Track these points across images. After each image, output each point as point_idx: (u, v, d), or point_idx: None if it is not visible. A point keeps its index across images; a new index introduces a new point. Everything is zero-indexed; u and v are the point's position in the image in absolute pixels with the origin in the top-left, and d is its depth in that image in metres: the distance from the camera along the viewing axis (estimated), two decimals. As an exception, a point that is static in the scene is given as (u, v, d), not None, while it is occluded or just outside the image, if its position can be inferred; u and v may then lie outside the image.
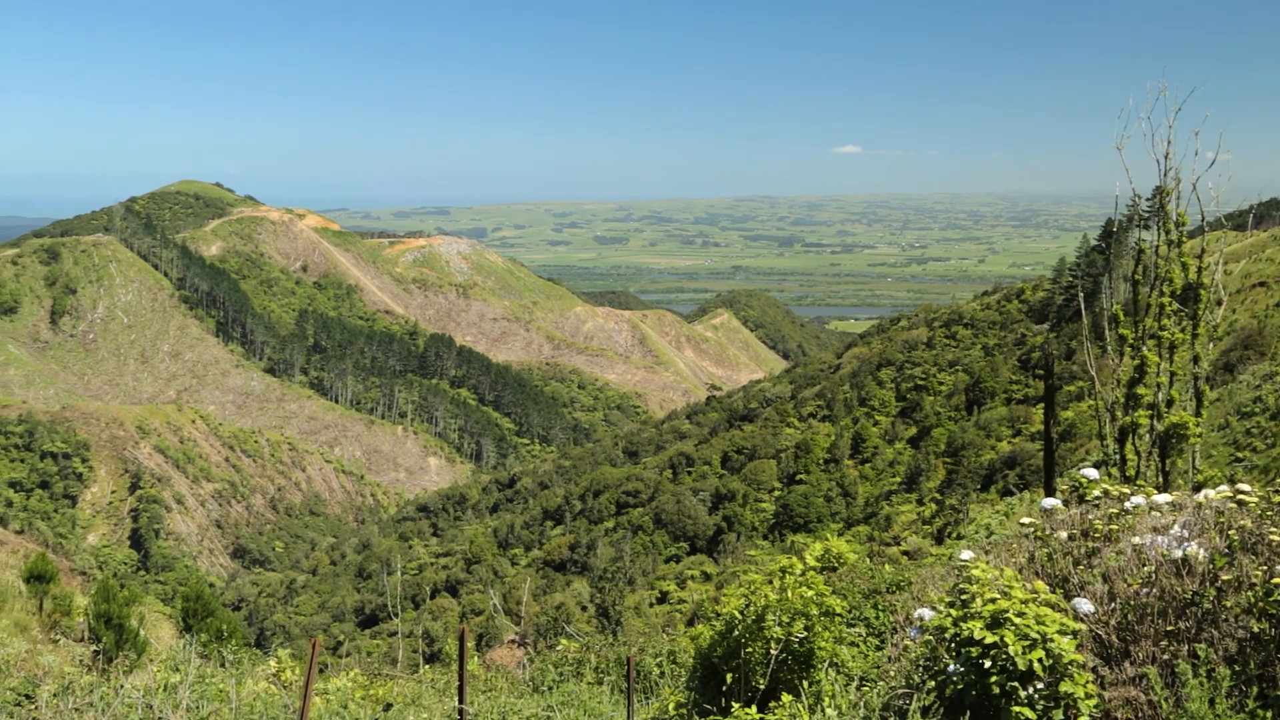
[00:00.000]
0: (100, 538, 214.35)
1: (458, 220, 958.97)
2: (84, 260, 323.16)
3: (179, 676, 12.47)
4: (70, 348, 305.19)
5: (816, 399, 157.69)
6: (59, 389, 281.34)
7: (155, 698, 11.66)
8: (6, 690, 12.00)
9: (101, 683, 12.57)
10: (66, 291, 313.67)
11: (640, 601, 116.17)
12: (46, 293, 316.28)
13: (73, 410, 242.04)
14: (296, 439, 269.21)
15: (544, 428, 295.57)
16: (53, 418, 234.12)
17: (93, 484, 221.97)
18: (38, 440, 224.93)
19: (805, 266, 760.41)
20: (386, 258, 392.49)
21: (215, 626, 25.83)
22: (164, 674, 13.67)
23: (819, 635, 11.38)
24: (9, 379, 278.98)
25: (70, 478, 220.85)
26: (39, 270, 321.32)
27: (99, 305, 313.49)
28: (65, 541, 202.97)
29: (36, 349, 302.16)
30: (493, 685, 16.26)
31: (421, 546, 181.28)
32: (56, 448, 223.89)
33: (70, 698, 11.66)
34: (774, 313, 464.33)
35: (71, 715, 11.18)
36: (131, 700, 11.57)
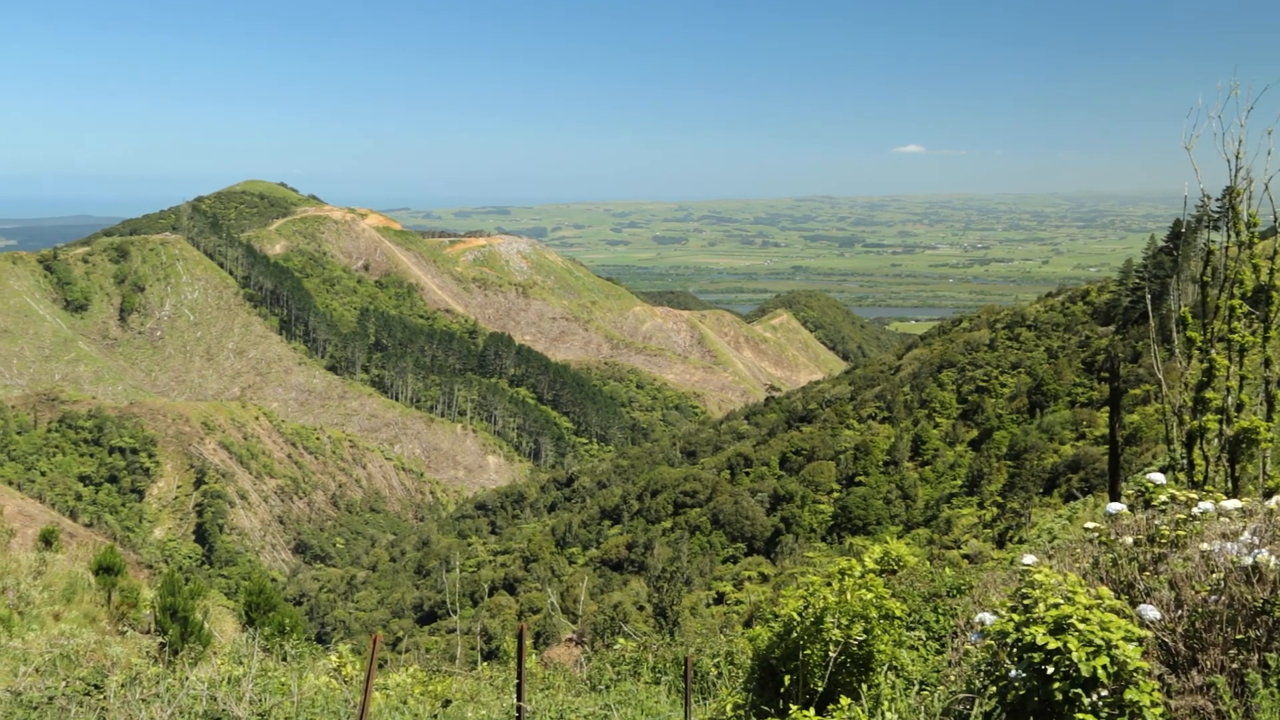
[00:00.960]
0: (166, 532, 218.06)
1: (518, 220, 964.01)
2: (152, 259, 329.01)
3: (242, 670, 12.64)
4: (138, 345, 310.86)
5: (876, 400, 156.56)
6: (127, 385, 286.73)
7: (219, 690, 11.82)
8: (76, 680, 12.23)
9: (167, 674, 12.77)
10: (135, 289, 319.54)
11: (697, 602, 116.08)
12: (116, 291, 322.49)
13: (140, 406, 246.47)
14: (357, 436, 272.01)
15: (602, 427, 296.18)
16: (121, 413, 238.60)
17: (159, 479, 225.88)
18: (107, 435, 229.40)
19: (866, 267, 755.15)
20: (447, 257, 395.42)
21: (277, 621, 26.17)
22: (228, 667, 13.86)
23: (878, 638, 11.30)
24: (79, 375, 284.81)
25: (138, 472, 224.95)
26: (109, 268, 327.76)
27: (166, 303, 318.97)
28: (132, 535, 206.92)
29: (106, 346, 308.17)
30: (550, 683, 16.31)
31: (480, 544, 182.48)
32: (125, 443, 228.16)
33: (137, 689, 11.86)
34: (834, 313, 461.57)
35: (138, 706, 11.37)
36: (196, 692, 11.74)
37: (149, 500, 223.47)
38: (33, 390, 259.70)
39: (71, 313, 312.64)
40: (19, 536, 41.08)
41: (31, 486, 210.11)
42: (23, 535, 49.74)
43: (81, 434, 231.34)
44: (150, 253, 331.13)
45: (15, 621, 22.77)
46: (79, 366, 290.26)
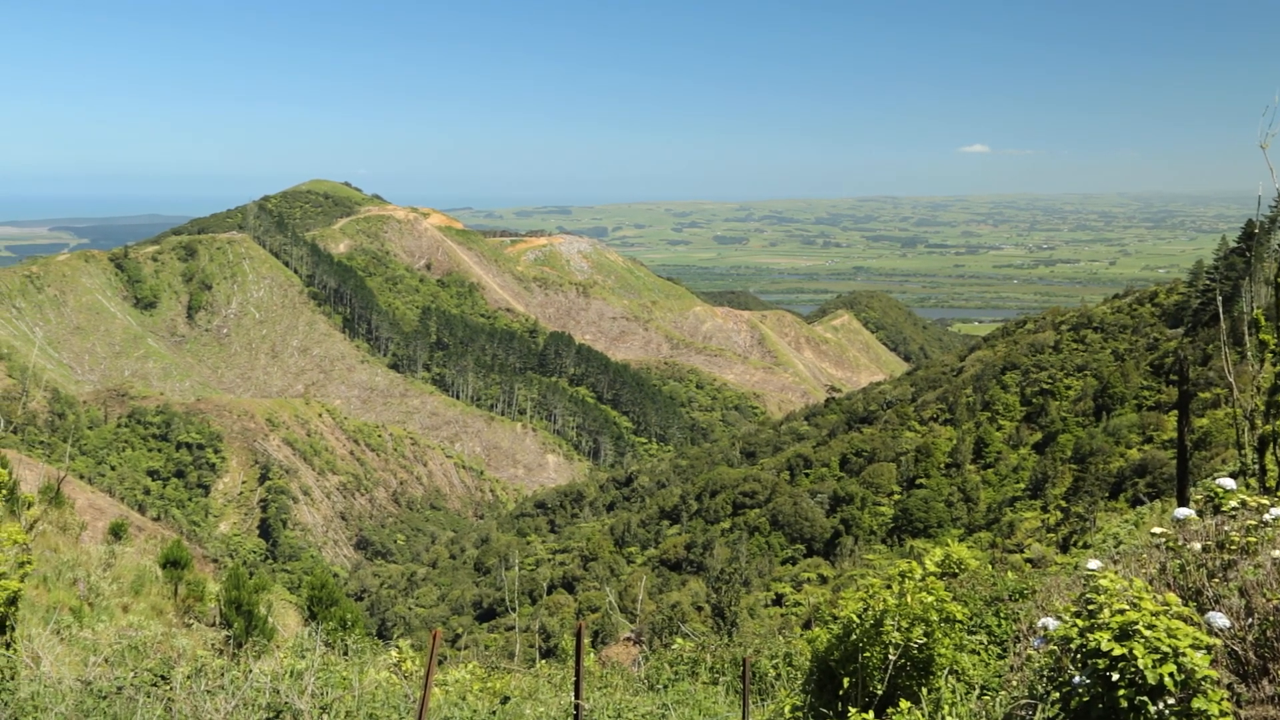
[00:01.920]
0: (231, 526, 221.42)
1: (579, 219, 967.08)
2: (219, 257, 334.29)
3: (305, 663, 12.78)
4: (205, 342, 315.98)
5: (938, 402, 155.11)
6: (194, 381, 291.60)
7: (282, 683, 11.97)
8: (144, 671, 12.43)
9: (232, 667, 12.95)
10: (202, 287, 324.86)
11: (756, 603, 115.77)
12: (184, 288, 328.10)
13: (207, 402, 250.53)
14: (419, 434, 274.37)
15: (661, 427, 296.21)
16: (188, 409, 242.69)
17: (225, 474, 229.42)
18: (174, 431, 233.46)
19: (928, 268, 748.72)
20: (508, 256, 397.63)
21: (339, 616, 26.47)
22: (290, 660, 14.03)
23: (939, 642, 11.19)
24: (148, 371, 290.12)
25: (204, 468, 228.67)
26: (177, 267, 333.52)
27: (233, 301, 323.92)
28: (198, 529, 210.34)
29: (174, 343, 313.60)
30: (608, 682, 16.34)
31: (539, 543, 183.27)
32: (191, 438, 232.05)
33: (202, 680, 12.03)
34: (895, 314, 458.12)
35: (203, 698, 11.53)
36: (260, 685, 11.89)
37: (215, 495, 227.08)
38: (104, 386, 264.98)
39: (141, 310, 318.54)
40: (90, 529, 41.88)
41: (102, 480, 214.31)
42: (93, 528, 50.71)
43: (150, 429, 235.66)
44: (217, 251, 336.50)
45: (86, 612, 23.22)
46: (148, 363, 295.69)
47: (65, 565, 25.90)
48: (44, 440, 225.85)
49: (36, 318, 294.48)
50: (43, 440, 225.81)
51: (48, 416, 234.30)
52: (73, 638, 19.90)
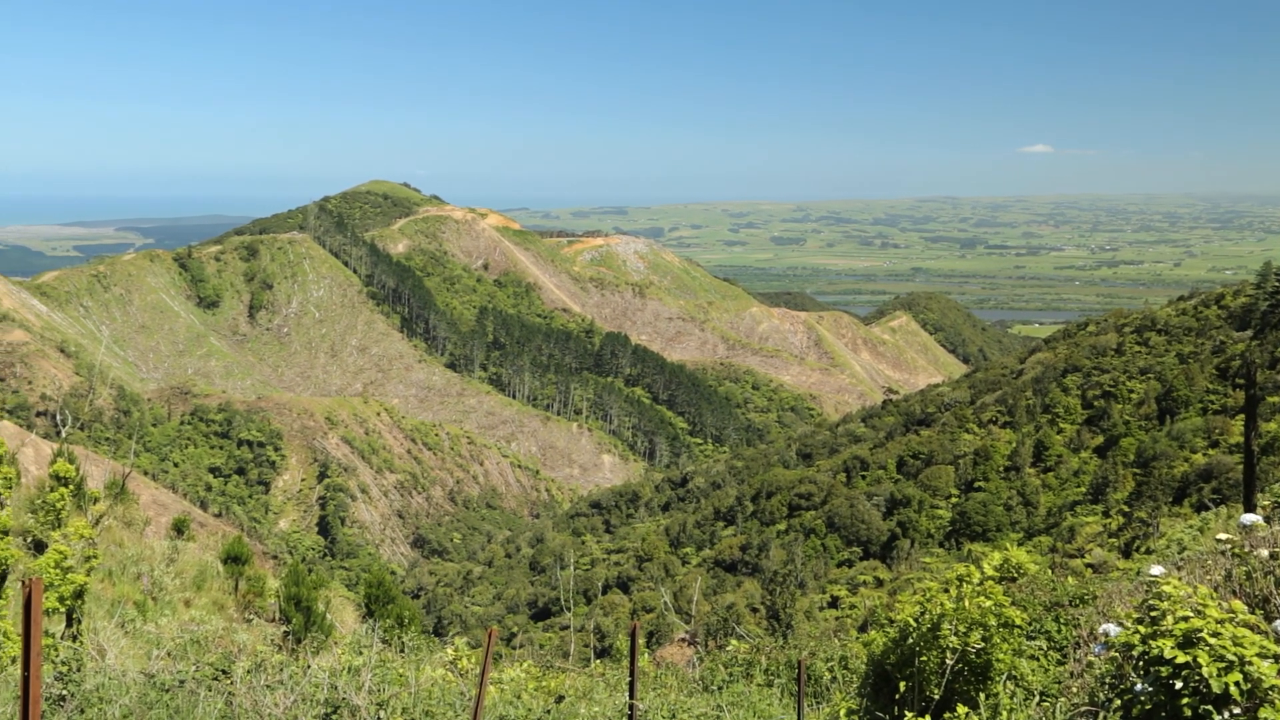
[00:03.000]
0: (290, 523, 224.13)
1: (635, 220, 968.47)
2: (280, 257, 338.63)
3: (362, 660, 12.90)
4: (266, 340, 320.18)
5: (997, 404, 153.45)
6: (255, 380, 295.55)
7: (340, 679, 12.09)
8: (205, 665, 12.61)
9: (290, 662, 13.10)
10: (264, 287, 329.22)
11: (811, 605, 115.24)
12: (245, 288, 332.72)
13: (267, 401, 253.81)
14: (475, 433, 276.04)
15: (717, 428, 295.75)
16: (249, 407, 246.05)
17: (284, 472, 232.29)
18: (235, 428, 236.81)
19: (988, 269, 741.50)
20: (564, 256, 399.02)
21: (396, 613, 26.69)
22: (348, 657, 14.17)
23: (997, 647, 11.06)
24: (210, 369, 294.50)
25: (264, 465, 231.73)
26: (239, 266, 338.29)
27: (293, 300, 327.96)
28: (259, 526, 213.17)
29: (236, 341, 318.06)
30: (663, 682, 16.33)
31: (594, 542, 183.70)
32: (252, 436, 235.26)
33: (262, 675, 12.18)
34: (954, 316, 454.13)
35: (263, 692, 11.67)
36: (318, 680, 12.02)
37: (274, 492, 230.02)
38: (167, 384, 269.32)
39: (204, 309, 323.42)
40: (153, 525, 42.55)
41: (165, 477, 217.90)
42: (157, 523, 51.53)
43: (212, 427, 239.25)
44: (279, 251, 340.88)
45: (149, 606, 23.60)
46: (210, 361, 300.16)
47: (130, 560, 26.35)
48: (110, 437, 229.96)
49: (103, 316, 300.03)
50: (108, 437, 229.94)
51: (113, 414, 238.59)
52: (137, 631, 20.23)
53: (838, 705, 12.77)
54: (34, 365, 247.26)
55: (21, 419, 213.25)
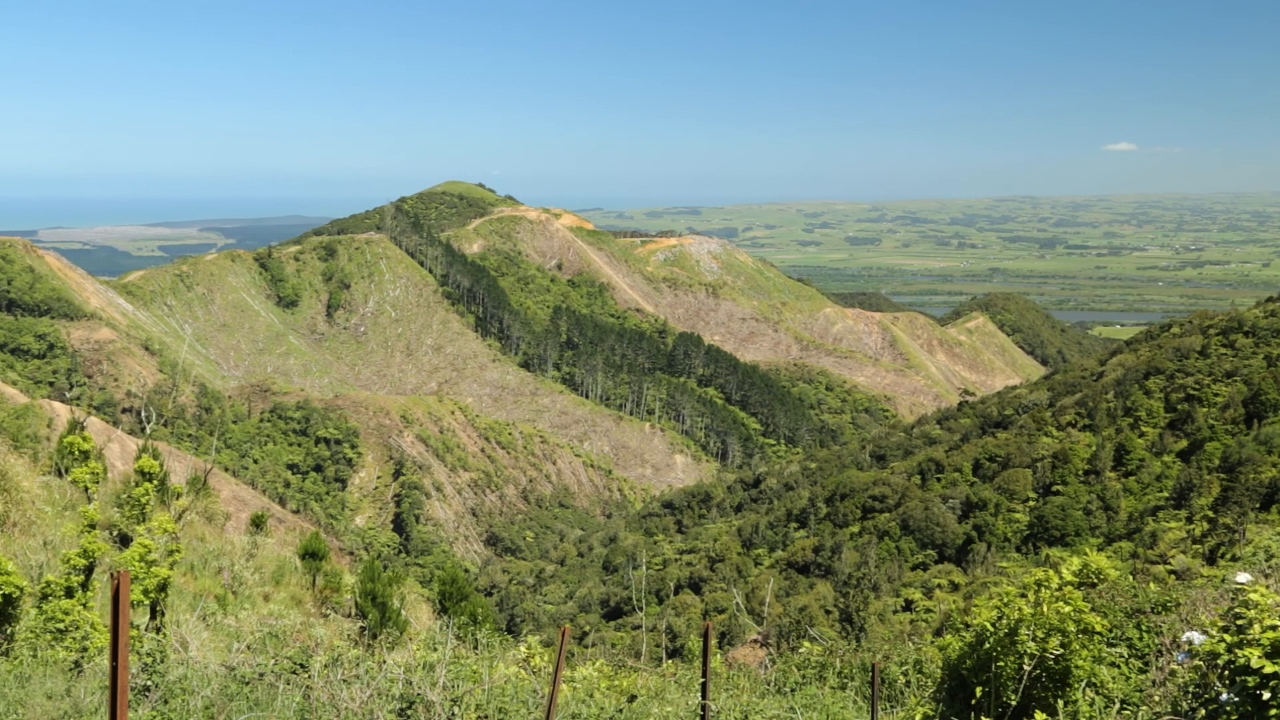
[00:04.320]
0: (366, 520, 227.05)
1: (709, 220, 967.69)
2: (357, 257, 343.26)
3: (436, 656, 13.01)
4: (343, 339, 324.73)
5: (1076, 407, 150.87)
6: (332, 378, 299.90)
7: (414, 675, 12.22)
8: (284, 659, 12.81)
9: (366, 657, 13.26)
10: (341, 286, 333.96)
11: (884, 608, 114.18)
12: (324, 287, 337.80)
13: (344, 399, 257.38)
14: (548, 432, 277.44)
15: (790, 428, 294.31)
16: (327, 405, 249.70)
17: (361, 469, 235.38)
18: (313, 426, 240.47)
19: (1068, 269, 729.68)
20: (638, 256, 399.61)
21: (469, 610, 26.93)
22: (423, 653, 14.30)
23: (1076, 653, 10.88)
24: (289, 368, 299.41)
25: (341, 462, 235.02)
26: (318, 266, 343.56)
27: (370, 300, 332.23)
28: (335, 522, 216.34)
29: (314, 340, 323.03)
30: (735, 683, 16.28)
31: (666, 542, 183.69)
32: (330, 434, 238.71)
33: (339, 669, 12.35)
34: (1032, 317, 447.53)
35: (339, 686, 11.83)
36: (393, 675, 12.16)
37: (351, 489, 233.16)
38: (247, 382, 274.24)
39: (283, 308, 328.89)
40: (233, 520, 43.33)
41: (245, 473, 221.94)
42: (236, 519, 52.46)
43: (290, 424, 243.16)
44: (356, 251, 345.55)
45: (230, 600, 24.04)
46: (289, 360, 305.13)
47: (211, 554, 26.88)
48: (192, 433, 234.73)
49: (186, 315, 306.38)
50: (191, 433, 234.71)
51: (195, 410, 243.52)
52: (217, 624, 20.63)
53: (912, 710, 12.64)
54: (120, 363, 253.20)
55: (108, 415, 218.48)
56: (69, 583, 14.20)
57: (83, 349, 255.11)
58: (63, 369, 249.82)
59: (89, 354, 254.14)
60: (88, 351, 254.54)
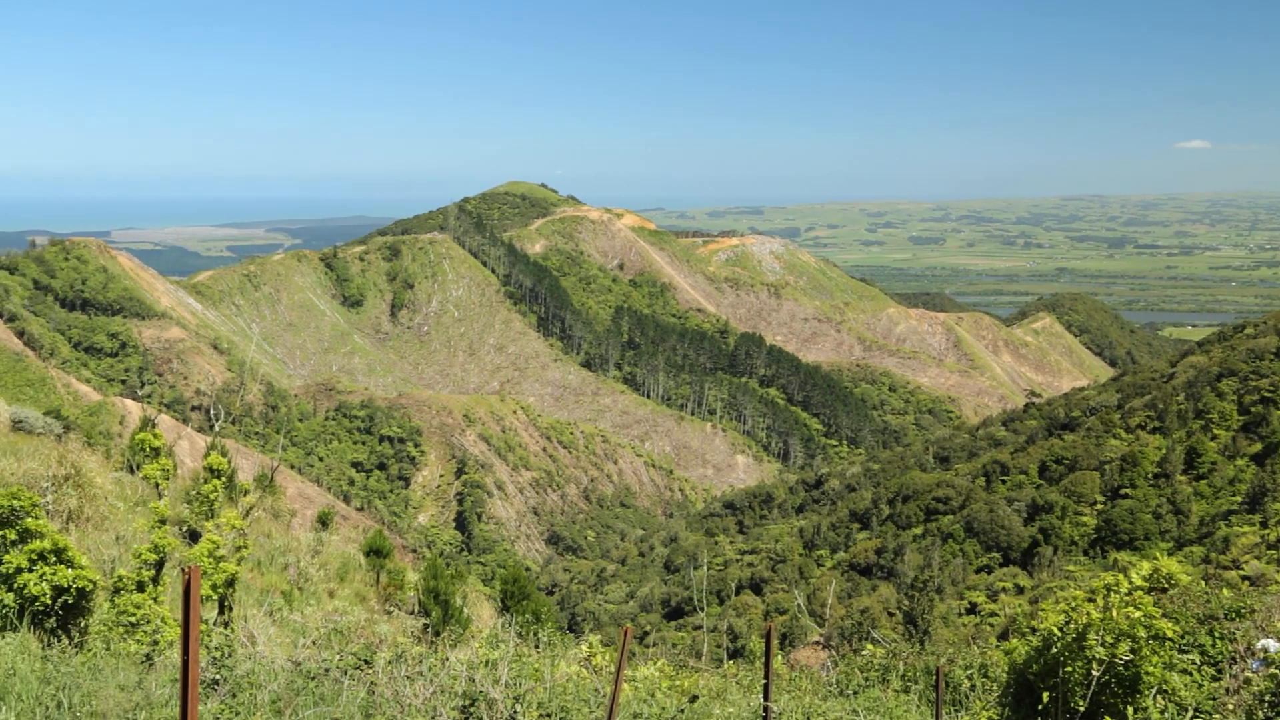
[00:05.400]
0: (429, 518, 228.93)
1: (771, 220, 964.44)
2: (421, 257, 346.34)
3: (499, 654, 13.08)
4: (407, 339, 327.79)
5: (1146, 409, 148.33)
6: (396, 377, 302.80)
7: (477, 672, 12.29)
8: (349, 655, 12.94)
9: (429, 654, 13.35)
10: (405, 286, 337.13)
11: (949, 611, 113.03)
12: (388, 287, 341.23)
13: (408, 398, 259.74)
14: (609, 432, 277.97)
15: (852, 429, 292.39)
16: (390, 404, 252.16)
17: (424, 467, 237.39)
18: (377, 425, 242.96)
19: (1137, 269, 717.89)
20: (699, 256, 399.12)
21: (531, 609, 27.05)
22: (485, 650, 14.38)
23: (1146, 659, 10.68)
24: (354, 367, 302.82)
25: (404, 461, 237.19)
26: (382, 266, 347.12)
27: (433, 299, 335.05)
28: (398, 520, 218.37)
29: (378, 339, 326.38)
30: (797, 685, 16.19)
31: (727, 543, 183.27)
32: (393, 432, 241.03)
33: (402, 666, 12.45)
34: (1100, 317, 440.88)
35: (403, 683, 11.93)
36: (456, 673, 12.24)
37: (414, 487, 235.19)
38: (313, 380, 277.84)
39: (348, 308, 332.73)
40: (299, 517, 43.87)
41: (310, 471, 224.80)
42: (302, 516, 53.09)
43: (355, 423, 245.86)
44: (419, 251, 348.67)
45: (295, 596, 24.34)
46: (353, 359, 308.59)
47: (277, 551, 27.23)
48: (259, 431, 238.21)
49: (253, 314, 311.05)
50: (258, 431, 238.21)
51: (262, 409, 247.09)
52: (284, 620, 20.89)
53: (977, 714, 12.50)
54: (189, 361, 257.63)
55: (178, 413, 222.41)
56: (140, 577, 14.45)
57: (154, 348, 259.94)
58: (134, 367, 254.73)
59: (160, 353, 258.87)
60: (158, 350, 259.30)
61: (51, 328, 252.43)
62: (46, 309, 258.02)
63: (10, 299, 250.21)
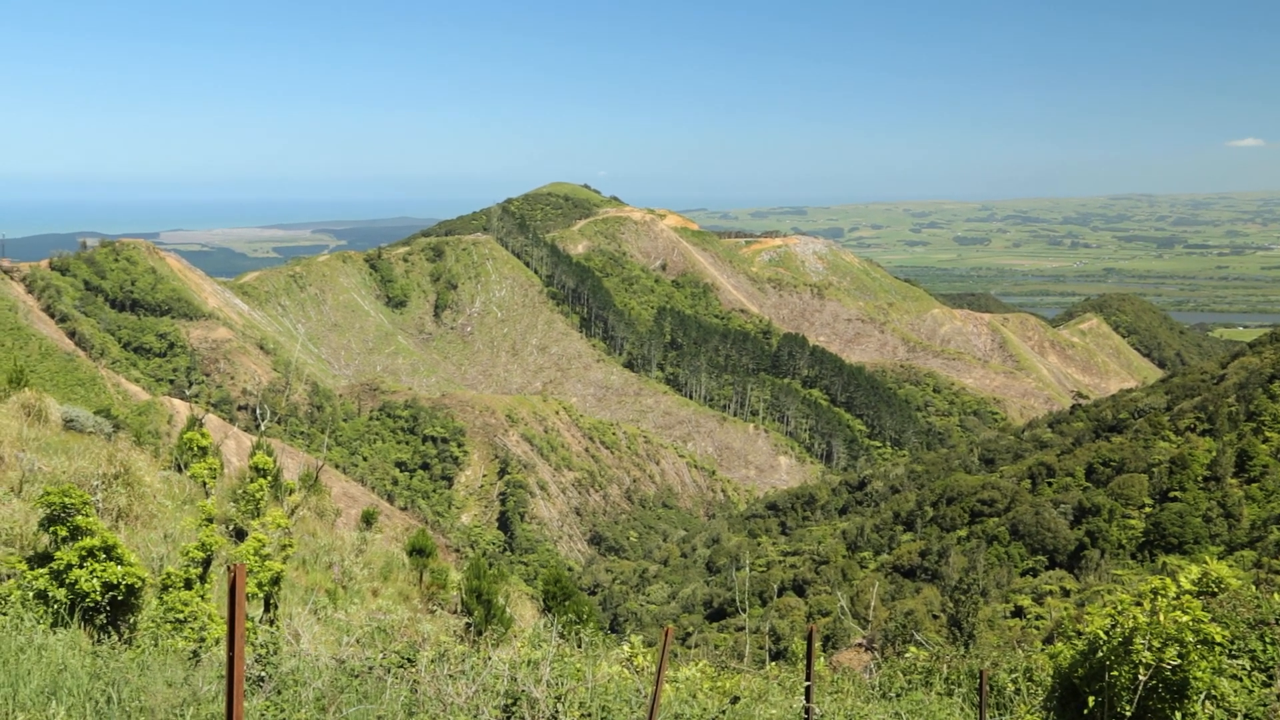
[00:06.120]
0: (472, 518, 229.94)
1: (814, 220, 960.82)
2: (464, 258, 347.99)
3: (541, 653, 13.11)
4: (450, 339, 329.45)
5: (1196, 411, 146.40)
6: (439, 378, 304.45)
7: (519, 671, 12.33)
8: (392, 653, 13.03)
9: (472, 653, 13.41)
10: (449, 287, 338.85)
11: (994, 614, 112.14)
12: (431, 288, 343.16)
13: (451, 398, 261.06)
14: (652, 433, 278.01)
15: (896, 431, 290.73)
16: (434, 404, 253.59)
17: (467, 467, 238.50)
18: (421, 425, 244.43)
19: (1187, 269, 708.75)
20: (742, 257, 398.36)
21: (574, 609, 27.09)
22: (527, 650, 14.42)
23: (1195, 664, 10.55)
24: (398, 367, 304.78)
25: (448, 461, 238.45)
26: (425, 267, 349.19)
27: (476, 300, 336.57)
28: (441, 519, 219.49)
29: (421, 340, 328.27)
30: (840, 687, 16.12)
31: (770, 544, 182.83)
32: (437, 432, 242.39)
33: (445, 665, 12.52)
34: (1149, 318, 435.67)
35: (446, 681, 11.99)
36: (498, 672, 12.29)
37: (457, 487, 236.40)
38: (357, 380, 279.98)
39: (392, 308, 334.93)
40: (343, 516, 44.22)
41: (354, 470, 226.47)
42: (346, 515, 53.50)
43: (399, 422, 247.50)
44: (463, 252, 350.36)
45: (340, 594, 24.54)
46: (397, 359, 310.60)
47: (322, 549, 27.47)
48: (304, 431, 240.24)
49: (299, 315, 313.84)
50: (303, 431, 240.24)
51: (308, 408, 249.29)
52: (328, 618, 21.07)
53: (1022, 718, 12.39)
54: (236, 361, 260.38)
55: (224, 412, 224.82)
56: (188, 574, 14.63)
57: (201, 348, 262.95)
58: (182, 367, 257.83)
59: (207, 352, 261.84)
60: (206, 350, 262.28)
61: (102, 328, 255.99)
62: (97, 310, 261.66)
63: (62, 300, 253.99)
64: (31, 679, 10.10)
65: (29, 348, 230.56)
